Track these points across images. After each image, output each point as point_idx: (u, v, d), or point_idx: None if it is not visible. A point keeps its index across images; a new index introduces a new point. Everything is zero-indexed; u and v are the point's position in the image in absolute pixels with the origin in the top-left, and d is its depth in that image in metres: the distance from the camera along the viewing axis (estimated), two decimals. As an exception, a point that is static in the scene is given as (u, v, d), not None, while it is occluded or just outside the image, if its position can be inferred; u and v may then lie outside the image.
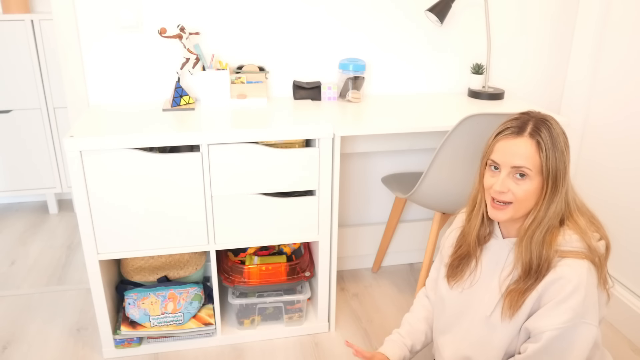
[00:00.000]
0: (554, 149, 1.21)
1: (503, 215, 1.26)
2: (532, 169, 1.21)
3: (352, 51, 2.20)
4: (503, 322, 1.27)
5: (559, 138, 1.22)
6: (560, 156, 1.21)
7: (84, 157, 1.63)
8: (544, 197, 1.23)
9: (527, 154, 1.21)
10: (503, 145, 1.24)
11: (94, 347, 1.96)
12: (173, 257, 1.99)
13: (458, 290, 1.41)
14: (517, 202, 1.24)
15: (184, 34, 1.93)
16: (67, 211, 3.12)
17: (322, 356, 1.94)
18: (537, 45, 2.35)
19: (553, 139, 1.21)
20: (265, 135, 1.73)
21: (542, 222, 1.23)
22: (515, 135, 1.23)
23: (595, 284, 1.20)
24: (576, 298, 1.16)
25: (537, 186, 1.22)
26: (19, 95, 2.74)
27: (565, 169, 1.23)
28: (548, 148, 1.20)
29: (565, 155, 1.22)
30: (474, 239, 1.37)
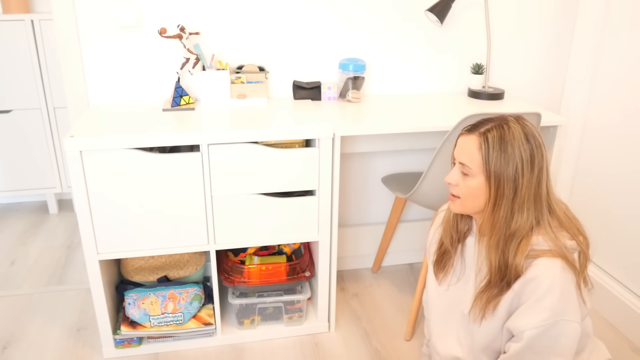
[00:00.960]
0: (499, 152, 1.19)
1: (454, 207, 1.30)
2: (472, 168, 1.22)
3: (352, 51, 2.20)
4: (475, 322, 1.29)
5: (513, 144, 1.20)
6: (509, 162, 1.19)
7: (84, 157, 1.63)
8: (490, 198, 1.23)
9: (469, 152, 1.23)
10: (459, 141, 1.27)
11: (94, 347, 1.96)
12: (173, 257, 1.99)
13: (444, 287, 1.42)
14: (463, 198, 1.26)
15: (184, 34, 1.93)
16: (67, 211, 3.12)
17: (322, 356, 1.94)
18: (537, 45, 2.35)
19: (502, 142, 1.20)
20: (265, 135, 1.73)
21: (496, 228, 1.23)
22: (469, 132, 1.25)
23: (571, 280, 1.19)
24: (552, 296, 1.16)
25: (480, 185, 1.23)
26: (19, 95, 2.74)
27: (517, 176, 1.20)
28: (491, 149, 1.20)
29: (518, 163, 1.20)
30: (452, 235, 1.38)
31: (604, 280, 2.16)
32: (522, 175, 1.20)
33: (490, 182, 1.22)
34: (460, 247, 1.39)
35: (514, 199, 1.21)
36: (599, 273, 2.20)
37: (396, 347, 1.99)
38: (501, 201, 1.22)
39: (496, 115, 1.26)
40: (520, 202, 1.21)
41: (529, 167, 1.21)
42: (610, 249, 2.16)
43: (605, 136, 2.16)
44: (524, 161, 1.20)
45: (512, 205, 1.22)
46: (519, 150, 1.20)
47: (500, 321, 1.25)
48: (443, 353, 1.43)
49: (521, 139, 1.20)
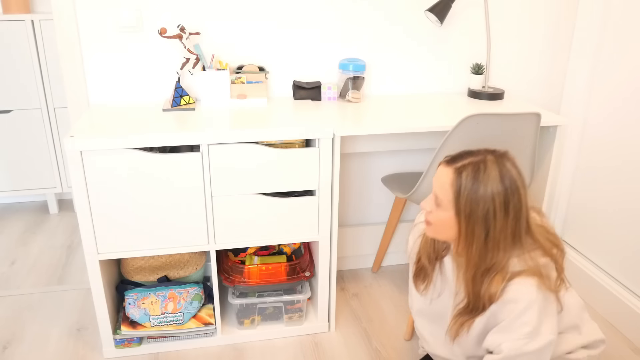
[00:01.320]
0: (471, 191, 1.18)
1: (427, 232, 1.31)
2: (443, 200, 1.23)
3: (352, 51, 2.20)
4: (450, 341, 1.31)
5: (486, 185, 1.18)
6: (479, 202, 1.18)
7: (84, 157, 1.63)
8: (459, 234, 1.23)
9: (442, 184, 1.23)
10: (438, 169, 1.27)
11: (94, 347, 1.96)
12: (173, 257, 1.99)
13: (427, 302, 1.43)
14: (435, 225, 1.27)
15: (184, 34, 1.93)
16: (67, 211, 3.12)
17: (322, 356, 1.94)
18: (537, 45, 2.35)
19: (475, 182, 1.18)
20: (265, 135, 1.73)
21: (471, 264, 1.23)
22: (447, 164, 1.24)
23: (547, 297, 1.20)
24: (530, 315, 1.17)
25: (450, 219, 1.23)
26: (19, 95, 2.74)
27: (489, 218, 1.18)
28: (463, 187, 1.19)
29: (490, 206, 1.18)
30: (429, 254, 1.39)
31: (604, 280, 2.16)
32: (494, 217, 1.19)
33: (460, 220, 1.21)
34: (438, 265, 1.39)
35: (486, 238, 1.20)
36: (599, 273, 2.20)
37: (396, 347, 1.99)
38: (472, 239, 1.21)
39: (480, 150, 1.24)
40: (494, 242, 1.20)
41: (502, 210, 1.18)
42: (610, 249, 2.16)
43: (605, 136, 2.16)
44: (497, 204, 1.18)
45: (486, 244, 1.21)
46: (491, 192, 1.18)
47: (474, 339, 1.27)
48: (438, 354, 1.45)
49: (495, 181, 1.18)
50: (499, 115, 1.70)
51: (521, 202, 1.20)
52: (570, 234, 2.42)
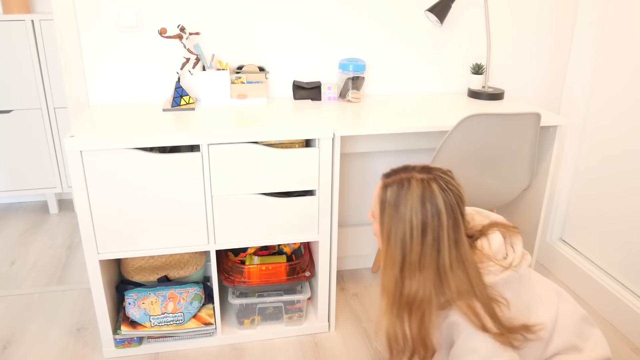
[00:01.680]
0: (392, 209, 1.15)
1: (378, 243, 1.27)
2: (375, 213, 1.21)
3: (352, 51, 2.20)
4: None
5: (406, 205, 1.13)
6: (398, 223, 1.14)
7: (84, 157, 1.63)
8: (383, 255, 1.19)
9: (374, 197, 1.22)
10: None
11: (94, 347, 1.96)
12: (173, 257, 1.99)
13: None
14: (375, 234, 1.26)
15: (184, 34, 1.93)
16: (67, 211, 3.12)
17: (322, 356, 1.94)
18: (537, 45, 2.35)
19: (397, 200, 1.15)
20: (265, 135, 1.73)
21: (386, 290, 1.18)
22: (383, 177, 1.22)
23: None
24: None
25: (378, 233, 1.22)
26: (19, 95, 2.74)
27: (405, 240, 1.14)
28: (386, 204, 1.16)
29: (407, 227, 1.13)
30: None
31: (604, 280, 2.16)
32: (410, 240, 1.14)
33: (382, 236, 1.18)
34: None
35: (402, 262, 1.15)
36: (599, 273, 2.20)
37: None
38: (388, 260, 1.17)
39: (415, 166, 1.20)
40: (410, 268, 1.15)
41: (419, 234, 1.13)
42: (610, 249, 2.16)
43: (605, 136, 2.16)
44: (414, 226, 1.13)
45: (402, 269, 1.15)
46: (410, 213, 1.13)
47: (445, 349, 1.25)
48: None
49: (416, 202, 1.13)
50: (499, 115, 1.70)
51: (442, 228, 1.13)
52: (570, 234, 2.42)
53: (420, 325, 1.16)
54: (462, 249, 1.16)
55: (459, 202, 1.16)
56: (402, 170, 1.19)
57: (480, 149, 1.75)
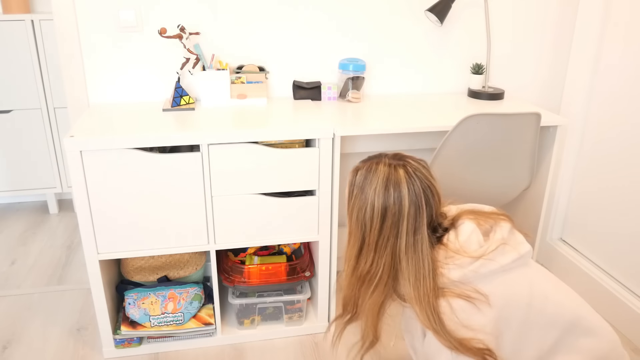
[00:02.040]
0: (359, 190, 1.19)
1: None
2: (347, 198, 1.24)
3: (352, 51, 2.20)
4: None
5: (370, 187, 1.17)
6: (362, 203, 1.18)
7: (84, 157, 1.63)
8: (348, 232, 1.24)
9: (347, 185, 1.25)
10: None
11: (94, 347, 1.96)
12: (173, 257, 1.99)
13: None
14: None
15: (184, 34, 1.93)
16: (67, 211, 3.12)
17: (322, 356, 1.94)
18: (537, 45, 2.35)
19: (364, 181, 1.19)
20: (265, 135, 1.73)
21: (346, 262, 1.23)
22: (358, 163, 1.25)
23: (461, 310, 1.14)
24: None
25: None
26: (19, 95, 2.74)
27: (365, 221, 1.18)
28: (355, 184, 1.20)
29: (368, 208, 1.17)
30: None
31: (604, 280, 2.16)
32: (371, 222, 1.17)
33: (349, 218, 1.22)
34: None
35: (362, 241, 1.19)
36: (599, 273, 2.20)
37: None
38: (350, 238, 1.22)
39: (388, 153, 1.22)
40: (367, 249, 1.19)
41: (379, 217, 1.16)
42: (611, 249, 2.16)
43: (605, 135, 2.16)
44: (375, 208, 1.16)
45: (360, 248, 1.20)
46: (373, 195, 1.16)
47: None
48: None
49: (380, 186, 1.16)
50: (499, 115, 1.70)
51: (402, 214, 1.15)
52: (570, 234, 2.42)
53: (370, 302, 1.20)
54: (419, 239, 1.16)
55: (426, 192, 1.17)
56: (375, 157, 1.22)
57: (480, 149, 1.75)
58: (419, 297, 1.15)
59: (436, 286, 1.15)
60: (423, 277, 1.15)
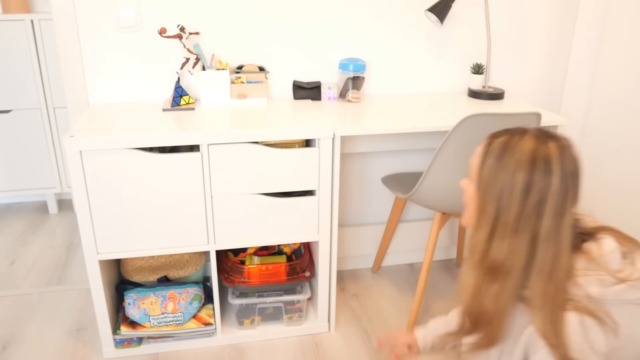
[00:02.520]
0: (495, 160, 1.02)
1: (463, 218, 1.12)
2: (473, 171, 1.08)
3: (352, 51, 2.20)
4: None
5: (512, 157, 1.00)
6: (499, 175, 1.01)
7: (84, 157, 1.63)
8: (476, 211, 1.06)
9: (476, 154, 1.08)
10: None
11: (94, 347, 1.96)
12: (173, 257, 1.99)
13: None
14: (466, 206, 1.10)
15: (184, 34, 1.93)
16: (67, 211, 3.12)
17: (322, 356, 1.94)
18: (537, 45, 2.35)
19: (502, 151, 1.01)
20: (265, 135, 1.73)
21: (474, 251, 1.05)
22: (488, 138, 1.09)
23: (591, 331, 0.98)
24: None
25: (473, 195, 1.08)
26: (19, 95, 2.74)
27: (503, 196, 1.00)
28: (489, 155, 1.03)
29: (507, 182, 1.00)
30: None
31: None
32: (509, 198, 0.99)
33: (478, 192, 1.05)
34: None
35: (495, 221, 1.02)
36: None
37: None
38: (482, 218, 1.04)
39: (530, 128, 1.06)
40: (502, 230, 1.01)
41: (521, 191, 0.98)
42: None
43: (605, 136, 2.16)
44: (516, 182, 0.99)
45: (493, 229, 1.02)
46: (515, 167, 0.99)
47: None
48: None
49: (525, 156, 0.99)
50: (499, 115, 1.70)
51: (549, 192, 0.97)
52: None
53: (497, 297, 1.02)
54: (563, 224, 0.99)
55: (575, 175, 1.00)
56: (517, 128, 1.05)
57: (480, 149, 1.75)
58: (546, 296, 0.98)
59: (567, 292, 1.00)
60: (558, 273, 0.99)
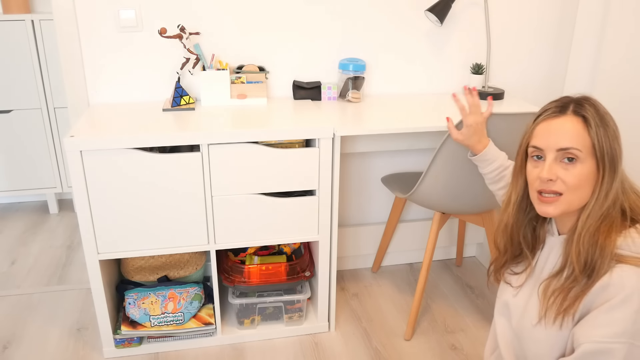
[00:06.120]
0: (603, 127, 1.04)
1: (554, 210, 1.08)
2: (582, 150, 1.04)
3: (352, 51, 2.20)
4: (549, 328, 1.09)
5: (607, 117, 1.06)
6: (612, 135, 1.05)
7: (84, 157, 1.63)
8: (600, 183, 1.05)
9: (573, 133, 1.05)
10: (544, 127, 1.08)
11: (94, 347, 1.96)
12: (173, 257, 1.99)
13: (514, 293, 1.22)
14: (569, 192, 1.06)
15: (184, 34, 1.93)
16: (67, 211, 3.12)
17: (322, 356, 1.94)
18: (537, 45, 2.35)
19: (600, 116, 1.05)
20: (265, 135, 1.73)
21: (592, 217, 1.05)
22: (558, 115, 1.08)
23: None
24: (626, 311, 0.97)
25: (590, 170, 1.05)
26: (19, 95, 2.74)
27: (616, 152, 1.06)
28: (597, 125, 1.04)
29: (618, 136, 1.06)
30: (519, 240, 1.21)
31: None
32: (618, 149, 1.06)
33: (604, 163, 1.05)
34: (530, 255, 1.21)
35: (614, 178, 1.05)
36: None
37: (396, 347, 1.99)
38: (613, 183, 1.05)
39: (560, 97, 1.12)
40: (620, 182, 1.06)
41: (619, 141, 1.07)
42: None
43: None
44: (617, 134, 1.06)
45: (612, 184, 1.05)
46: (613, 123, 1.06)
47: (566, 331, 1.07)
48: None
49: (608, 113, 1.07)
50: (499, 115, 1.70)
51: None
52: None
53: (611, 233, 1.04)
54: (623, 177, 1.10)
55: None
56: (570, 99, 1.10)
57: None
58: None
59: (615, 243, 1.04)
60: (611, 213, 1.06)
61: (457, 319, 2.16)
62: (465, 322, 2.14)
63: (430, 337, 2.05)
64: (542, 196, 1.09)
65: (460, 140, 1.62)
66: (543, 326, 1.10)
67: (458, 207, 1.91)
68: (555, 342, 1.09)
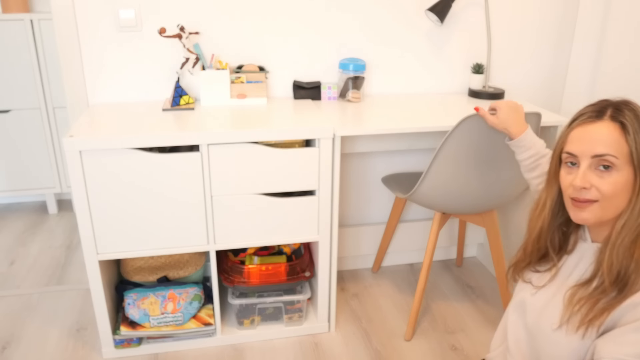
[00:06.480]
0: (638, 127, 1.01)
1: (588, 215, 1.05)
2: (618, 157, 1.00)
3: (352, 51, 2.20)
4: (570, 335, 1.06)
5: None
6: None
7: (83, 157, 1.63)
8: (638, 193, 1.01)
9: (610, 139, 1.01)
10: (580, 133, 1.04)
11: (94, 347, 1.96)
12: (173, 257, 1.99)
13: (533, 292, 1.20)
14: (604, 200, 1.02)
15: (183, 34, 1.92)
16: (67, 211, 3.12)
17: (322, 356, 1.94)
18: (537, 45, 2.35)
19: (636, 119, 1.01)
20: (265, 135, 1.73)
21: (636, 225, 1.02)
22: (594, 120, 1.04)
23: None
24: None
25: (626, 179, 1.01)
26: (18, 95, 2.73)
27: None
28: (636, 131, 1.00)
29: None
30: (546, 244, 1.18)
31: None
32: None
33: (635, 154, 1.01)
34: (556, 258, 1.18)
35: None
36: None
37: (396, 347, 1.99)
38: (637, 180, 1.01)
39: (597, 101, 1.08)
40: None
41: None
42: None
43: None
44: None
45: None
46: None
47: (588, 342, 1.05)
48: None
49: None
50: (499, 115, 1.70)
51: None
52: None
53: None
54: None
55: None
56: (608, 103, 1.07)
57: (480, 149, 1.75)
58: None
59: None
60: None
61: (458, 319, 2.16)
62: (465, 323, 2.14)
63: (431, 337, 2.05)
64: (575, 202, 1.06)
65: (497, 124, 1.57)
66: (564, 332, 1.08)
67: (458, 207, 1.91)
68: (574, 349, 1.06)
